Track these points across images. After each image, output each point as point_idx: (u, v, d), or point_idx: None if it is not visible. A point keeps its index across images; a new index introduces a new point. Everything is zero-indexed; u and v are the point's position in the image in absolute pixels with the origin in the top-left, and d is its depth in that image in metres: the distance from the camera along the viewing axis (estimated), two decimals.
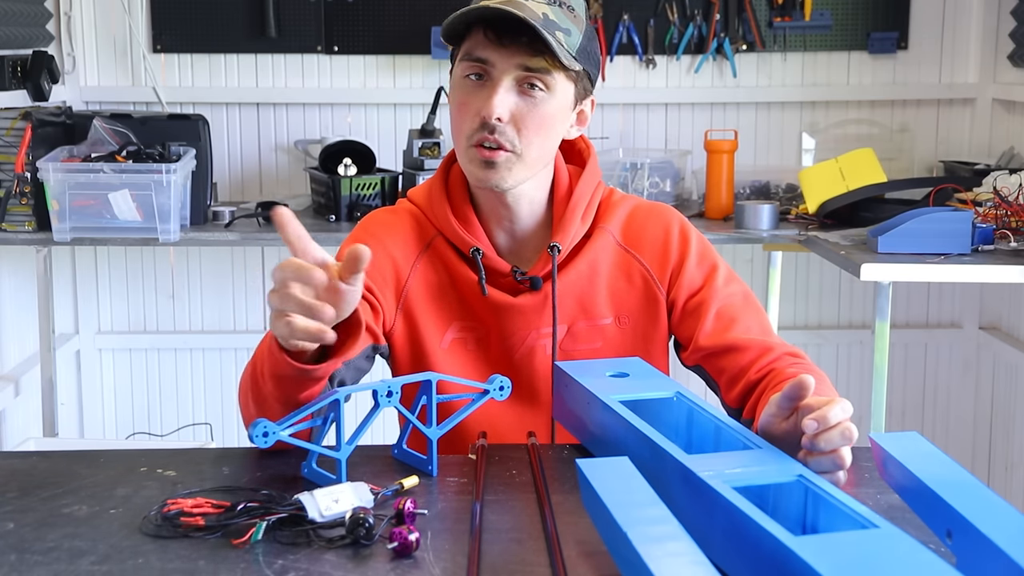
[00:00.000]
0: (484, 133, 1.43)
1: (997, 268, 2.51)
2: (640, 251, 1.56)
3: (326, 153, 3.05)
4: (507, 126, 1.43)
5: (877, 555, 0.88)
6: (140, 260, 3.53)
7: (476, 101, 1.44)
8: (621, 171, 3.16)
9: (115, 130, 2.93)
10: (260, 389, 1.29)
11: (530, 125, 1.44)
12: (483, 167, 1.45)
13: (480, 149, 1.44)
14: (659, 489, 1.01)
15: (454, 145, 1.51)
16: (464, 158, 1.47)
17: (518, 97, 1.43)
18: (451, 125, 1.50)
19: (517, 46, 1.41)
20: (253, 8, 3.37)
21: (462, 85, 1.46)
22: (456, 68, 1.47)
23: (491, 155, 1.44)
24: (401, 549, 1.03)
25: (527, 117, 1.43)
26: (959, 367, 3.63)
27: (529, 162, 1.46)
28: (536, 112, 1.44)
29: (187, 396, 3.60)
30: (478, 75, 1.44)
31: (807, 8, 3.39)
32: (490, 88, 1.42)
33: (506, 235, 1.55)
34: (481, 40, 1.42)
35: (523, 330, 1.53)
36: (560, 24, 1.42)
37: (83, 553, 1.04)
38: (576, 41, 1.44)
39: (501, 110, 1.41)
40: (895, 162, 3.42)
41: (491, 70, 1.43)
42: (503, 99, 1.42)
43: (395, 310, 1.53)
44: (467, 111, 1.44)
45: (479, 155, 1.44)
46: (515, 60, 1.41)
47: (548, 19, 1.40)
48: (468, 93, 1.45)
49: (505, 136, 1.43)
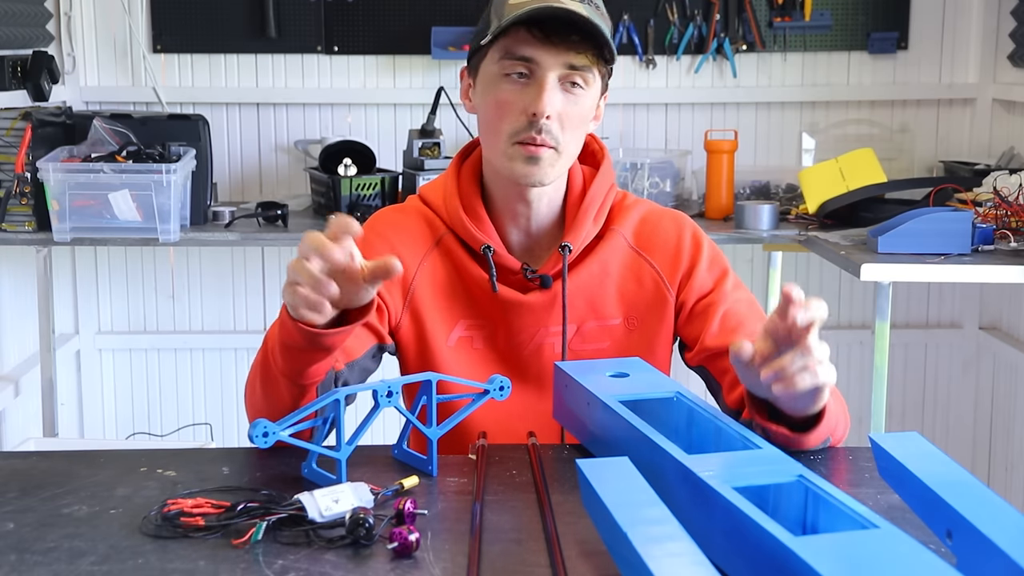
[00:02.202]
0: (531, 132, 1.44)
1: (997, 268, 2.52)
2: (652, 254, 1.56)
3: (326, 153, 3.05)
4: (553, 123, 1.44)
5: (877, 555, 0.88)
6: (140, 260, 3.53)
7: (521, 99, 1.44)
8: (621, 171, 3.16)
9: (115, 130, 2.93)
10: (269, 367, 1.30)
11: (573, 122, 1.46)
12: (527, 163, 1.45)
13: (525, 146, 1.45)
14: (659, 489, 1.01)
15: (488, 143, 1.51)
16: (504, 156, 1.47)
17: (563, 94, 1.44)
18: (485, 123, 1.49)
19: (565, 44, 1.42)
20: (253, 8, 3.37)
21: (501, 83, 1.45)
22: (490, 67, 1.46)
23: (536, 151, 1.45)
24: (401, 549, 1.03)
25: (571, 114, 1.45)
26: (959, 367, 3.63)
27: (566, 159, 1.49)
28: (577, 108, 1.46)
29: (187, 396, 3.60)
30: (520, 73, 1.44)
31: (807, 8, 3.39)
32: (536, 86, 1.43)
33: (519, 232, 1.56)
34: (524, 38, 1.42)
35: (532, 328, 1.53)
36: (594, 20, 1.42)
37: (83, 553, 1.05)
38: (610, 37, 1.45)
39: (551, 108, 1.43)
40: (895, 162, 3.42)
41: (535, 68, 1.43)
42: (552, 97, 1.43)
43: (402, 308, 1.53)
44: (510, 109, 1.45)
45: (524, 151, 1.45)
46: (561, 58, 1.42)
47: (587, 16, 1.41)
48: (511, 91, 1.45)
49: (551, 134, 1.44)
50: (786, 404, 1.23)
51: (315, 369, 1.28)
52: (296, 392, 1.30)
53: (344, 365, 1.43)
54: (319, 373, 1.29)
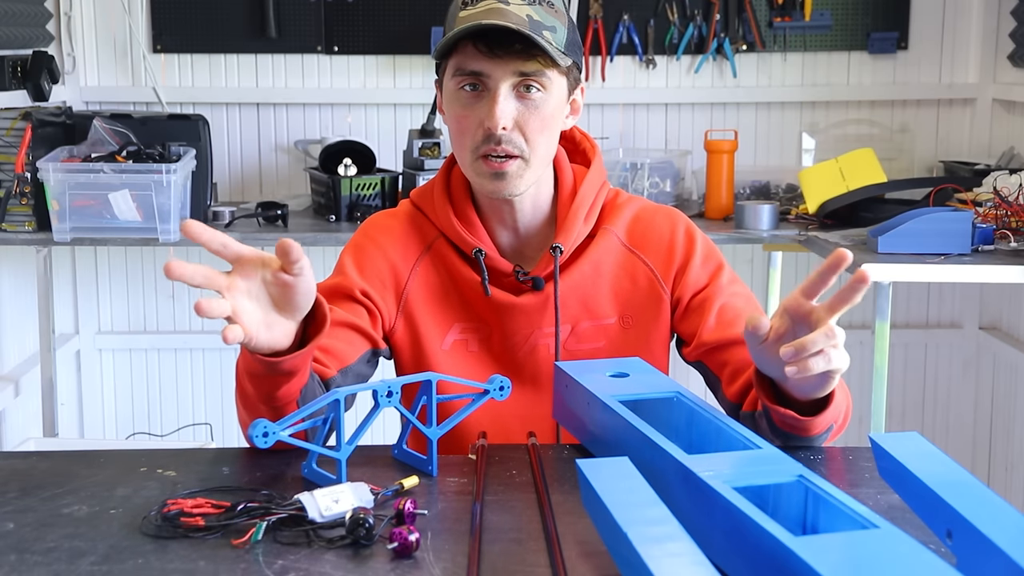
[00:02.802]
0: (491, 145, 1.43)
1: (997, 268, 2.52)
2: (645, 251, 1.56)
3: (326, 153, 3.05)
4: (512, 133, 1.44)
5: (877, 555, 0.88)
6: (140, 260, 3.53)
7: (476, 113, 1.44)
8: (621, 171, 3.16)
9: (115, 130, 2.93)
10: (244, 391, 1.30)
11: (534, 127, 1.45)
12: (493, 179, 1.46)
13: (488, 161, 1.45)
14: (659, 489, 1.01)
15: (457, 158, 1.52)
16: (471, 171, 1.48)
17: (517, 102, 1.44)
18: (452, 138, 1.50)
19: (510, 54, 1.41)
20: (253, 8, 3.37)
21: (457, 98, 1.46)
22: (448, 83, 1.47)
23: (500, 166, 1.44)
24: (401, 549, 1.03)
25: (530, 120, 1.44)
26: (959, 367, 3.63)
27: (536, 164, 1.47)
28: (537, 113, 1.45)
29: (187, 396, 3.60)
30: (473, 86, 1.44)
31: (807, 8, 3.39)
32: (489, 98, 1.43)
33: (509, 234, 1.56)
34: (471, 53, 1.42)
35: (526, 329, 1.53)
36: (545, 23, 1.42)
37: (83, 553, 1.04)
38: (563, 36, 1.44)
39: (505, 119, 1.42)
40: (895, 162, 3.42)
41: (487, 80, 1.43)
42: (504, 108, 1.42)
43: (396, 313, 1.54)
44: (468, 123, 1.45)
45: (487, 167, 1.45)
46: (509, 68, 1.42)
47: (533, 20, 1.40)
48: (466, 106, 1.45)
49: (512, 143, 1.44)
50: (794, 386, 1.23)
51: (284, 391, 1.27)
52: (274, 413, 1.28)
53: (337, 371, 1.43)
54: (291, 394, 1.28)
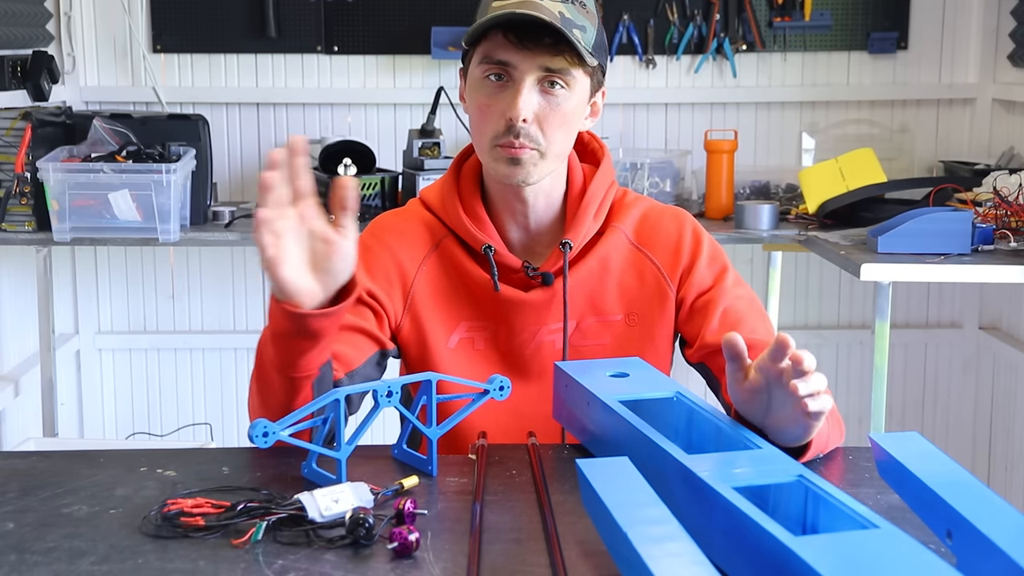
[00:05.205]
0: (510, 136, 1.44)
1: (997, 268, 2.52)
2: (652, 250, 1.57)
3: (326, 153, 3.05)
4: (531, 126, 1.44)
5: (877, 555, 0.88)
6: (140, 260, 3.52)
7: (499, 103, 1.45)
8: (621, 171, 3.16)
9: (115, 130, 2.93)
10: (263, 364, 1.31)
11: (553, 123, 1.46)
12: (509, 164, 1.46)
13: (505, 148, 1.46)
14: (659, 489, 1.01)
15: (475, 144, 1.52)
16: (488, 157, 1.49)
17: (540, 97, 1.45)
18: (472, 126, 1.51)
19: (539, 48, 1.42)
20: (253, 8, 3.37)
21: (482, 86, 1.47)
22: (474, 70, 1.48)
23: (517, 152, 1.45)
24: (401, 549, 1.03)
25: (550, 116, 1.45)
26: (959, 367, 3.63)
27: (552, 158, 1.48)
28: (559, 110, 1.46)
29: (187, 396, 3.60)
30: (498, 76, 1.45)
31: (807, 8, 3.39)
32: (513, 90, 1.44)
33: (519, 230, 1.56)
34: (501, 42, 1.43)
35: (533, 325, 1.54)
36: (576, 21, 1.43)
37: (83, 553, 1.05)
38: (591, 37, 1.45)
39: (527, 111, 1.43)
40: (895, 162, 3.42)
41: (513, 72, 1.44)
42: (527, 100, 1.43)
43: (402, 311, 1.54)
44: (490, 112, 1.46)
45: (504, 153, 1.46)
46: (536, 61, 1.43)
47: (565, 17, 1.41)
48: (490, 95, 1.46)
49: (530, 136, 1.45)
50: (775, 434, 1.22)
51: (306, 361, 1.28)
52: (290, 388, 1.29)
53: (344, 375, 1.43)
54: (311, 366, 1.29)
